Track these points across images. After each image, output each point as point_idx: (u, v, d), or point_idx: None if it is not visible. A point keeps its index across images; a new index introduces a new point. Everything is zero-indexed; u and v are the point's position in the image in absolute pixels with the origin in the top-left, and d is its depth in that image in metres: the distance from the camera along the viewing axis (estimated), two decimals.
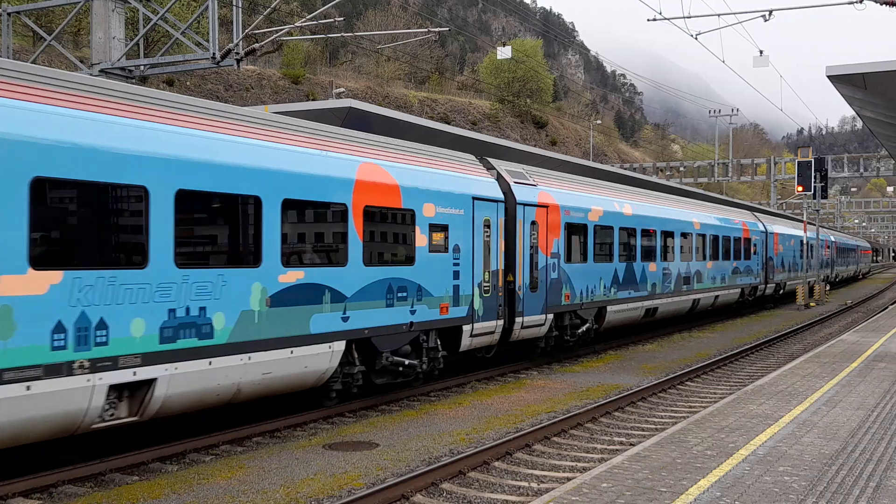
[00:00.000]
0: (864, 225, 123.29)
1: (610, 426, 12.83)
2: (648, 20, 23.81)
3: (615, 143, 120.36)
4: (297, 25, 22.98)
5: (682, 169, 65.40)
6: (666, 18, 22.41)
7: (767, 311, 37.25)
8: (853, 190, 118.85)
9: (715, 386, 16.88)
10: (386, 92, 78.79)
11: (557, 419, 12.37)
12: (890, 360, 17.33)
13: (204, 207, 10.34)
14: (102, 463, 9.62)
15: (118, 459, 9.82)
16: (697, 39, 23.91)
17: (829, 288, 50.30)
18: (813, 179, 38.15)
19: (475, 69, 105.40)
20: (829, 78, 17.21)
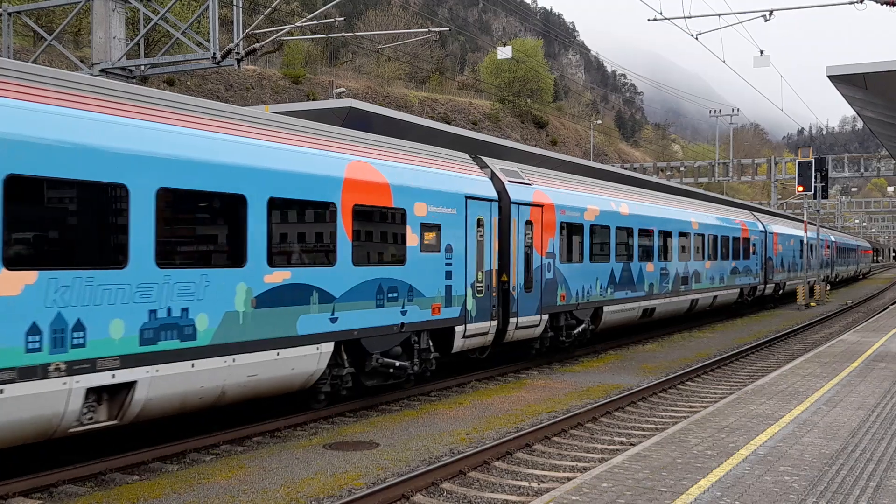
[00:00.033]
0: (864, 225, 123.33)
1: (610, 426, 12.84)
2: (649, 20, 23.81)
3: (616, 143, 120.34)
4: (297, 25, 22.99)
5: (682, 169, 65.43)
6: (666, 18, 22.41)
7: (768, 310, 37.24)
8: (853, 190, 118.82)
9: (715, 386, 16.88)
10: (386, 92, 78.77)
11: (558, 419, 12.37)
12: (890, 360, 17.33)
13: (186, 206, 10.14)
14: (102, 462, 9.62)
15: (118, 459, 9.81)
16: (698, 39, 23.94)
17: (829, 288, 50.30)
18: (813, 179, 38.14)
19: (475, 69, 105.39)
20: (829, 78, 17.21)
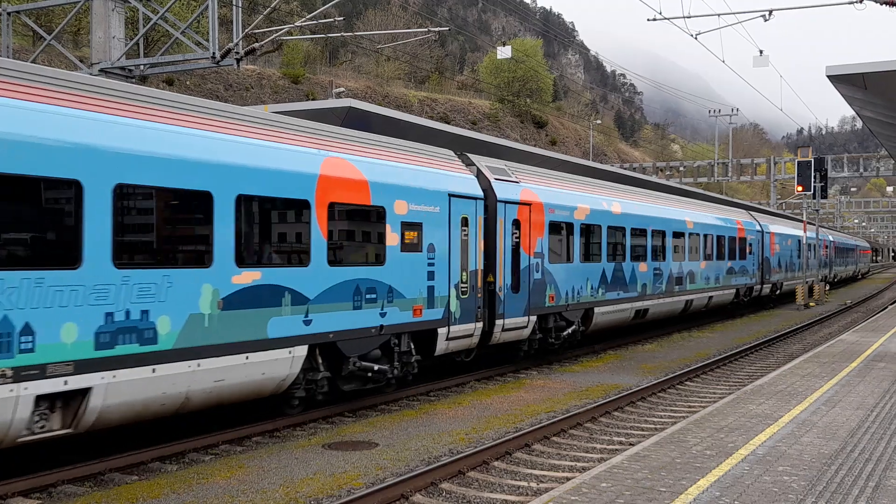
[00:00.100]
0: (863, 225, 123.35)
1: (609, 426, 12.84)
2: (648, 20, 23.84)
3: (615, 142, 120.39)
4: (297, 25, 22.99)
5: (681, 169, 65.41)
6: (666, 18, 22.42)
7: (767, 311, 37.25)
8: (853, 190, 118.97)
9: (714, 386, 16.88)
10: (386, 92, 78.81)
11: (557, 419, 12.37)
12: (889, 359, 17.34)
13: (146, 203, 9.70)
14: (102, 462, 9.62)
15: (118, 459, 9.81)
16: (697, 39, 23.96)
17: (828, 288, 50.31)
18: (813, 179, 38.16)
19: (475, 69, 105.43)
20: (829, 78, 17.20)
